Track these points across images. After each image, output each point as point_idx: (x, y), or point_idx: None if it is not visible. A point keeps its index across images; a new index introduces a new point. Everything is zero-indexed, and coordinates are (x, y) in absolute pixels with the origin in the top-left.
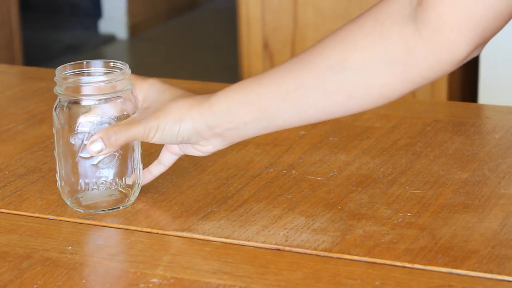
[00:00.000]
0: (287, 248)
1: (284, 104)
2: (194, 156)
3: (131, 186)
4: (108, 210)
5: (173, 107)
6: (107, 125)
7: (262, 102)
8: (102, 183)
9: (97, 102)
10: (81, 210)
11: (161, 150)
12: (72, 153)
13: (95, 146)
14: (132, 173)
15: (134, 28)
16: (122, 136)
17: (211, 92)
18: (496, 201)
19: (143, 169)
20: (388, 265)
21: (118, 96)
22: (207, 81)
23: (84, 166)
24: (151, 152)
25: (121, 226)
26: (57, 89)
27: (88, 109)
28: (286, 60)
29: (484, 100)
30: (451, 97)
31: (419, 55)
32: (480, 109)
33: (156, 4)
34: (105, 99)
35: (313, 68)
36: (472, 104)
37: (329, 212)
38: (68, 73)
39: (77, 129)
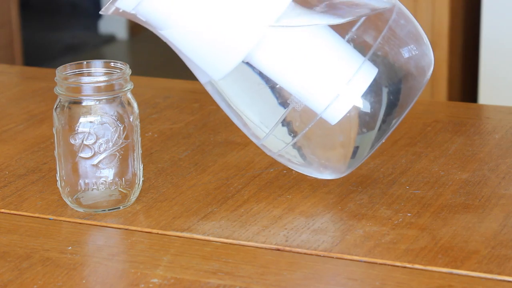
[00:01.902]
0: (287, 248)
1: None
2: (194, 156)
3: (131, 186)
4: (108, 210)
5: None
6: (107, 125)
7: None
8: (102, 183)
9: (97, 102)
10: (81, 210)
11: (162, 151)
12: (72, 153)
13: None
14: (132, 173)
15: (134, 28)
16: None
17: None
18: (496, 202)
19: (142, 169)
20: (388, 265)
21: (118, 96)
22: None
23: (84, 166)
24: (151, 152)
25: (121, 226)
26: (58, 89)
27: (88, 109)
28: None
29: (484, 100)
30: (451, 97)
31: None
32: (480, 109)
33: None
34: (105, 99)
35: None
36: (472, 104)
37: (329, 212)
38: (68, 73)
39: (77, 129)
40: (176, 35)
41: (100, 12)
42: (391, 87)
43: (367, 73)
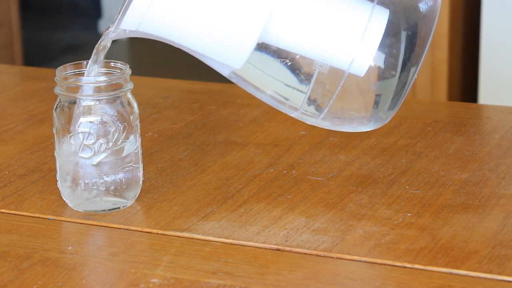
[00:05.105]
0: (287, 248)
1: None
2: (194, 156)
3: (131, 186)
4: (109, 210)
5: None
6: (107, 125)
7: None
8: (102, 183)
9: (98, 102)
10: (81, 210)
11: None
12: (72, 153)
13: None
14: (132, 173)
15: None
16: None
17: (211, 92)
18: (496, 202)
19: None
20: (388, 265)
21: (118, 96)
22: (207, 82)
23: (84, 166)
24: (151, 152)
25: (121, 226)
26: (58, 89)
27: (88, 109)
28: None
29: (484, 100)
30: (451, 97)
31: None
32: (480, 109)
33: None
34: (105, 99)
35: None
36: (472, 104)
37: (329, 212)
38: (68, 73)
39: (77, 129)
40: (186, 37)
41: (105, 42)
42: (407, 23)
43: (380, 16)
